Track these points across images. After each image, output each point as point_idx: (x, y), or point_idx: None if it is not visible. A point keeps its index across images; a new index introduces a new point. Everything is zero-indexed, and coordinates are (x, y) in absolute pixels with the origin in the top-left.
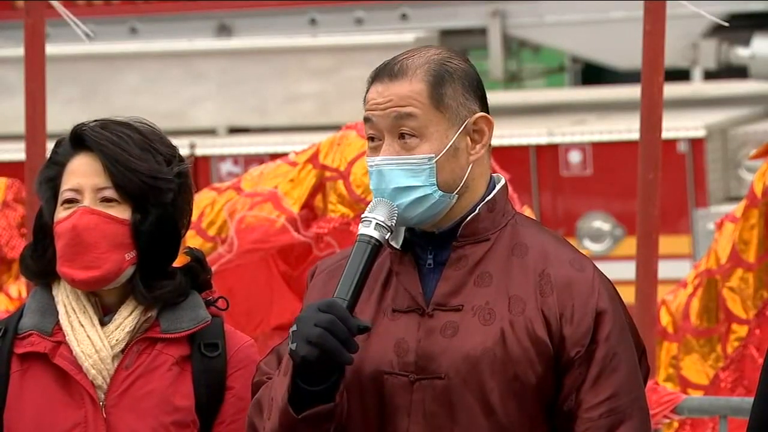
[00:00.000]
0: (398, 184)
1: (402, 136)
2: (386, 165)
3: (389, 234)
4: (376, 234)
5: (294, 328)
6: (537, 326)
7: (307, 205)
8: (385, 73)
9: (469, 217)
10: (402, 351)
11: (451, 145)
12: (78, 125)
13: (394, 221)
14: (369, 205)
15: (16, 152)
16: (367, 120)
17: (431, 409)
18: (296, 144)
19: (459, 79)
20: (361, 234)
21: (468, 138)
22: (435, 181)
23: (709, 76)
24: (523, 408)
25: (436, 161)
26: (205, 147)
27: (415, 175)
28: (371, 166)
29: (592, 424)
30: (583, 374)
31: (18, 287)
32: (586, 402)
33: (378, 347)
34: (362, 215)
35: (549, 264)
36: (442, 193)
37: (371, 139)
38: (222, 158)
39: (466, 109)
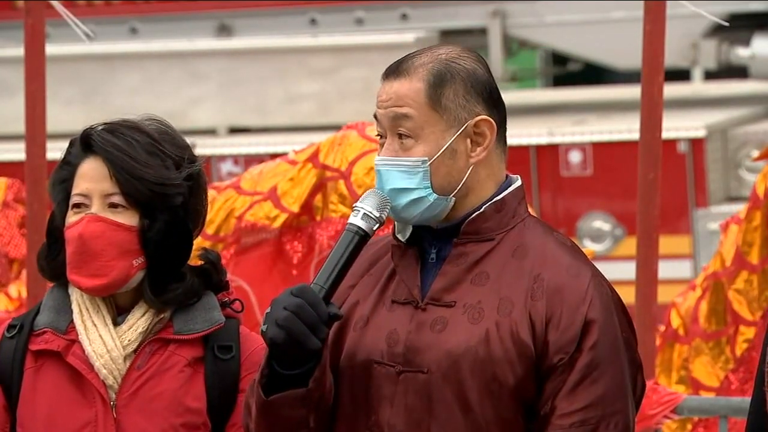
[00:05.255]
0: (394, 185)
1: (400, 136)
2: (383, 165)
3: (377, 225)
4: (362, 224)
5: (268, 309)
6: (522, 329)
7: (307, 205)
8: (391, 71)
9: (473, 215)
10: (393, 342)
11: (447, 148)
12: (87, 128)
13: (385, 213)
14: (362, 196)
15: (16, 152)
16: (375, 117)
17: (412, 402)
18: (296, 144)
19: (461, 80)
20: (349, 223)
21: (468, 140)
22: (429, 184)
23: (709, 76)
24: (499, 408)
25: (429, 164)
26: (205, 147)
27: (409, 177)
28: (375, 164)
29: None
30: (563, 381)
31: (18, 287)
32: (560, 409)
33: (372, 336)
34: (353, 204)
35: (545, 268)
36: (437, 195)
37: (379, 136)
38: (222, 158)
39: (467, 111)
